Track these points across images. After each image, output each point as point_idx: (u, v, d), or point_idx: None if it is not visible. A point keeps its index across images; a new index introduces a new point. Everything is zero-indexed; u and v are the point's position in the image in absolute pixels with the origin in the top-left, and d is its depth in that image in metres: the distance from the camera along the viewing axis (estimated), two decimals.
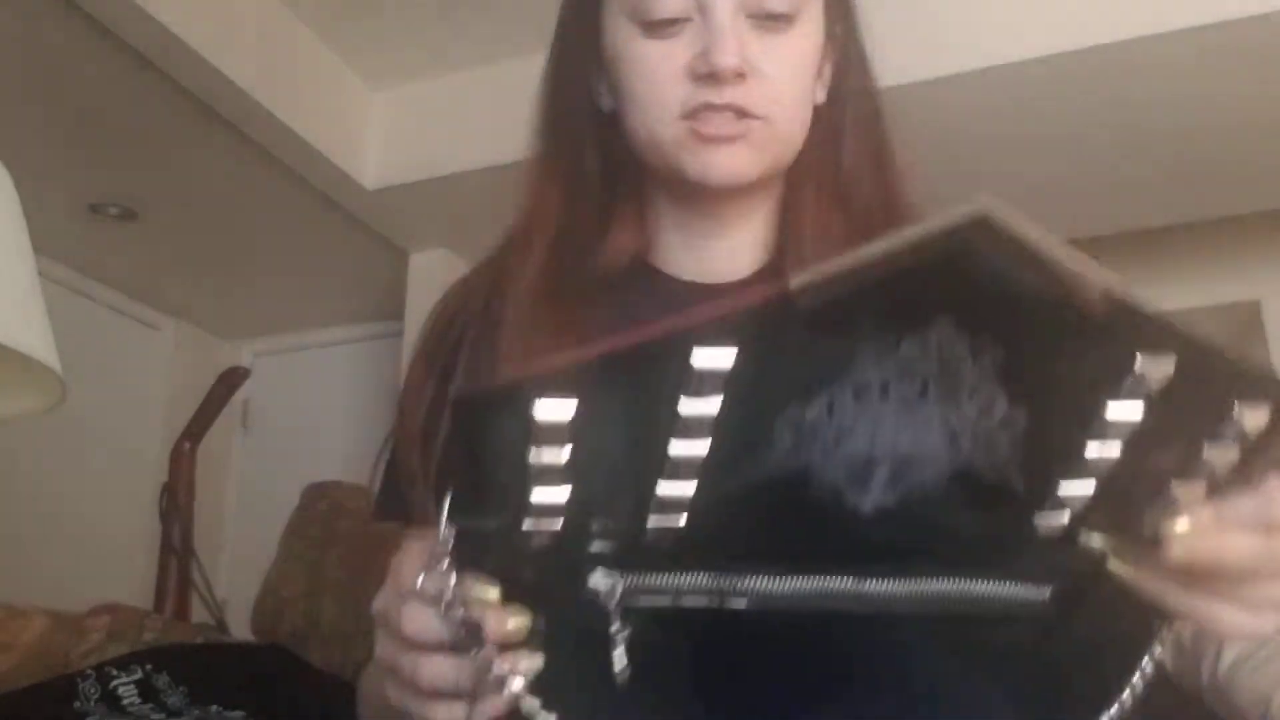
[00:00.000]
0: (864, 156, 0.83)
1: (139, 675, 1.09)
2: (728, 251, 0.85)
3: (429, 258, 3.48)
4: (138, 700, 1.06)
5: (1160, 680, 0.83)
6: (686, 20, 0.76)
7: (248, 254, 3.62)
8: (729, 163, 0.77)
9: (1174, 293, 3.69)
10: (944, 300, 0.42)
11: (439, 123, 3.10)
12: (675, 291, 0.85)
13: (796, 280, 0.42)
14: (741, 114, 0.76)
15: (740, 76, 0.75)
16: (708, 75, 0.75)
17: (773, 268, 0.84)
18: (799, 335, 0.43)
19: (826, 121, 0.83)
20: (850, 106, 0.84)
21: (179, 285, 3.85)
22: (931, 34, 2.54)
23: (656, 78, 0.77)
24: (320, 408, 4.07)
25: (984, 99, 2.63)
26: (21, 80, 2.63)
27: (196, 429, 2.04)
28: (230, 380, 2.08)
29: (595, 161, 0.83)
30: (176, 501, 1.95)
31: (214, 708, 1.07)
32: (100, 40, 2.45)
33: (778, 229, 0.85)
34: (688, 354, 0.42)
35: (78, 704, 1.04)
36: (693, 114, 0.76)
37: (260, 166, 3.00)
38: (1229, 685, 0.94)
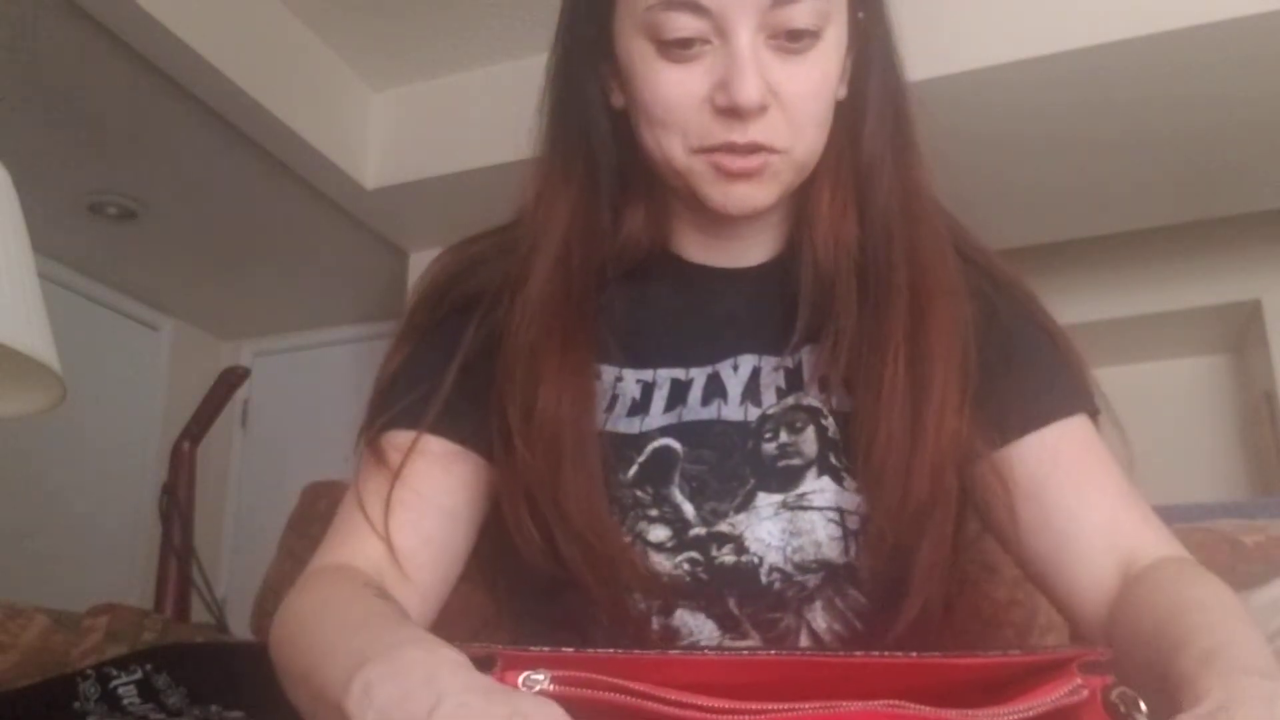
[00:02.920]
0: (883, 151, 0.80)
1: (139, 675, 1.09)
2: (745, 241, 0.84)
3: (429, 258, 3.43)
4: (138, 700, 1.06)
5: None
6: (704, 43, 0.72)
7: (248, 254, 3.62)
8: (748, 197, 0.75)
9: (1174, 293, 3.70)
10: None
11: (439, 123, 3.10)
12: (693, 276, 0.84)
13: None
14: (763, 149, 0.74)
15: (763, 109, 0.72)
16: (728, 109, 0.72)
17: (788, 257, 0.84)
18: None
19: (847, 117, 0.80)
20: (872, 102, 0.80)
21: (179, 285, 3.85)
22: (931, 34, 2.54)
23: (673, 105, 0.73)
24: (320, 408, 4.07)
25: (983, 99, 2.63)
26: (21, 80, 2.63)
27: (196, 429, 2.03)
28: (230, 380, 2.07)
29: (608, 157, 0.81)
30: (176, 501, 1.95)
31: (214, 708, 1.06)
32: (100, 40, 2.45)
33: (794, 220, 0.84)
34: None
35: (78, 704, 1.04)
36: (713, 150, 0.74)
37: (260, 166, 3.00)
38: None
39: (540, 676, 0.52)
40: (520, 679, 0.52)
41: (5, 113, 2.72)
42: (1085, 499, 0.75)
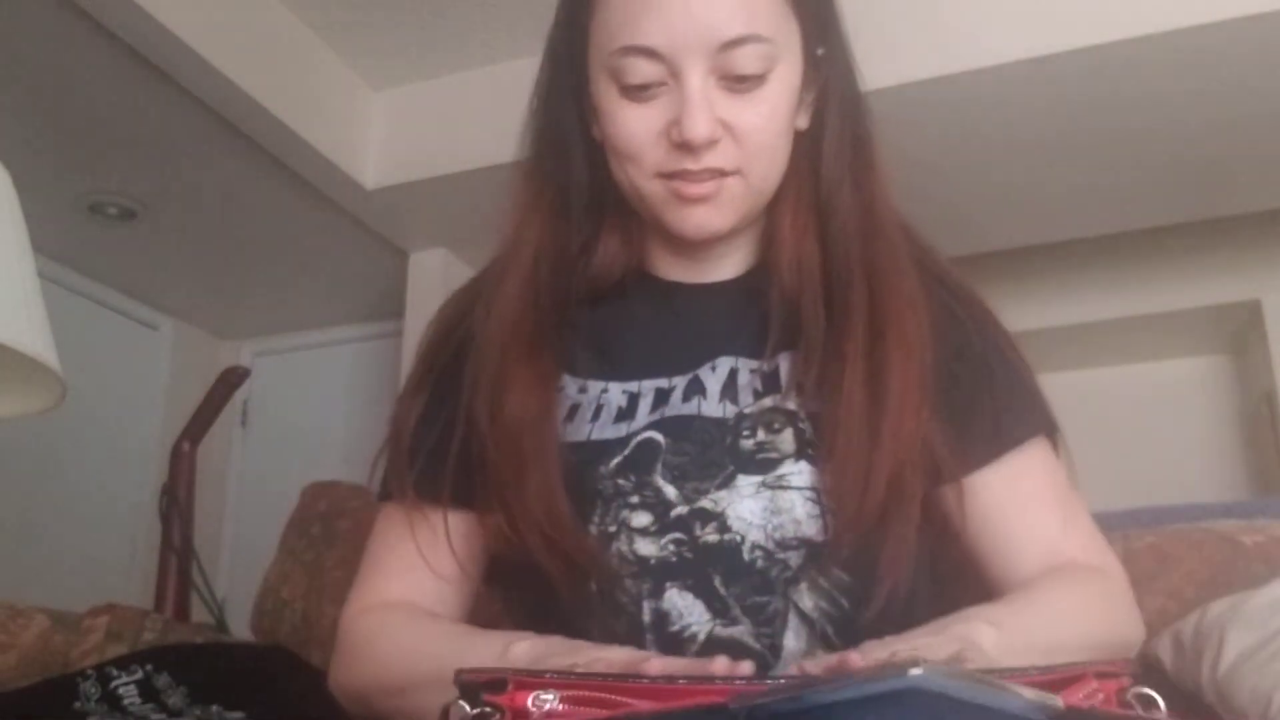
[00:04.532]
0: (842, 175, 0.85)
1: (139, 675, 1.09)
2: (716, 262, 0.90)
3: (429, 258, 3.48)
4: (138, 700, 1.06)
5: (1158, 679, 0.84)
6: (660, 84, 0.78)
7: (248, 254, 3.62)
8: (705, 221, 0.82)
9: (1174, 293, 3.70)
10: (886, 716, 0.47)
11: (439, 123, 3.10)
12: (664, 292, 0.90)
13: (737, 701, 0.49)
14: (716, 173, 0.80)
15: (712, 142, 0.78)
16: (681, 144, 0.78)
17: (759, 270, 0.89)
18: None
19: (808, 145, 0.86)
20: (831, 133, 0.86)
21: (179, 285, 3.85)
22: (931, 34, 2.54)
23: (634, 139, 0.80)
24: (320, 408, 4.07)
25: (984, 99, 2.63)
26: (21, 80, 2.63)
27: (196, 429, 2.03)
28: (230, 380, 2.07)
29: (583, 184, 0.87)
30: (176, 501, 1.95)
31: (214, 708, 1.06)
32: (100, 40, 2.45)
33: (762, 238, 0.89)
34: None
35: (78, 704, 1.04)
36: (670, 176, 0.80)
37: (260, 166, 3.00)
38: (1229, 684, 0.94)
39: (549, 696, 0.54)
40: (530, 699, 0.54)
41: (5, 113, 2.72)
42: (1034, 527, 0.83)
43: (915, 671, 0.45)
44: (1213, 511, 1.28)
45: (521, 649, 0.70)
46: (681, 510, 0.79)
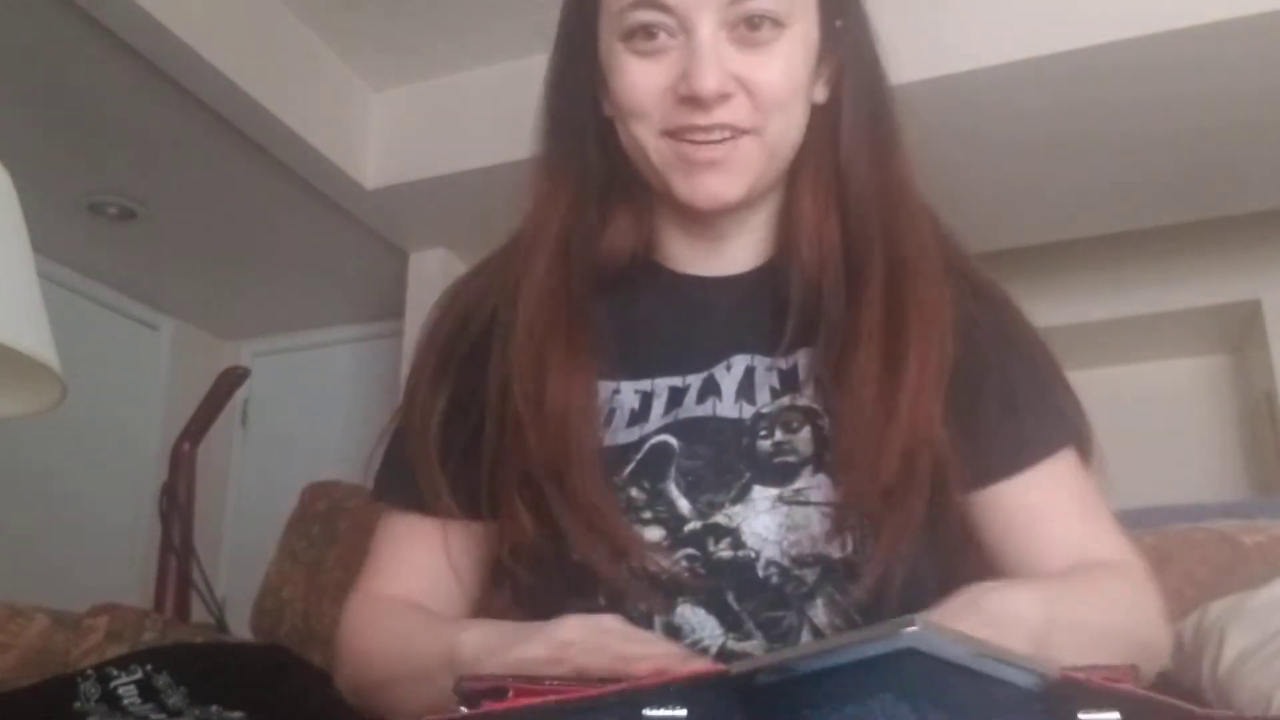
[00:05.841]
0: (861, 157, 0.82)
1: (139, 675, 1.09)
2: (731, 248, 0.86)
3: (429, 258, 3.48)
4: (138, 700, 1.06)
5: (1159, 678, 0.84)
6: (670, 37, 0.77)
7: (248, 254, 3.62)
8: (715, 188, 0.78)
9: (1174, 293, 3.70)
10: (885, 683, 0.45)
11: (439, 123, 3.10)
12: (677, 285, 0.87)
13: (737, 667, 0.47)
14: (730, 130, 0.77)
15: (724, 97, 0.76)
16: (689, 97, 0.76)
17: (777, 262, 0.85)
18: (747, 704, 0.47)
19: (824, 121, 0.83)
20: (848, 106, 0.83)
21: (179, 285, 3.85)
22: (932, 34, 2.54)
23: (639, 94, 0.78)
24: (320, 408, 4.07)
25: (984, 99, 2.63)
26: (21, 80, 2.63)
27: (196, 429, 2.03)
28: (230, 380, 2.07)
29: (597, 164, 0.84)
30: (176, 501, 1.95)
31: (214, 708, 1.06)
32: (100, 40, 2.45)
33: (780, 225, 0.86)
34: (637, 714, 0.47)
35: (78, 704, 1.04)
36: (677, 133, 0.78)
37: (260, 166, 3.00)
38: (1229, 684, 0.94)
39: None
40: None
41: (5, 112, 2.72)
42: (1058, 537, 0.79)
43: (910, 630, 0.44)
44: (1213, 511, 1.28)
45: (469, 637, 0.69)
46: (695, 525, 0.76)
